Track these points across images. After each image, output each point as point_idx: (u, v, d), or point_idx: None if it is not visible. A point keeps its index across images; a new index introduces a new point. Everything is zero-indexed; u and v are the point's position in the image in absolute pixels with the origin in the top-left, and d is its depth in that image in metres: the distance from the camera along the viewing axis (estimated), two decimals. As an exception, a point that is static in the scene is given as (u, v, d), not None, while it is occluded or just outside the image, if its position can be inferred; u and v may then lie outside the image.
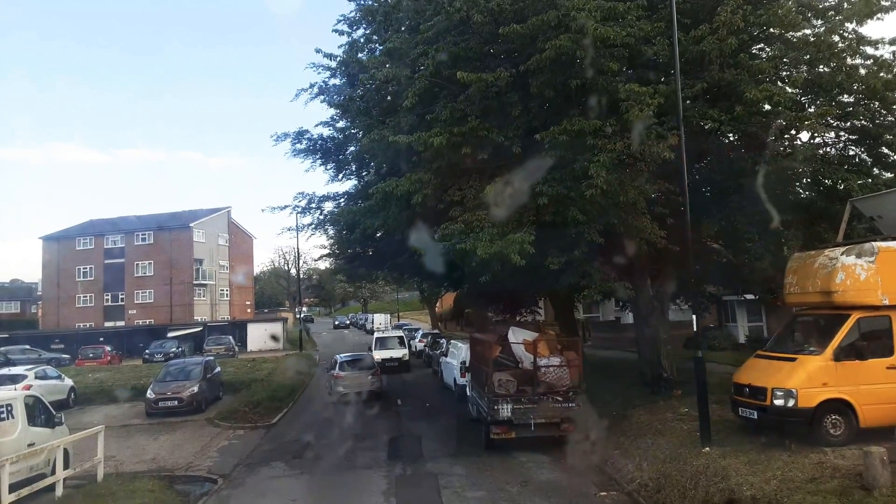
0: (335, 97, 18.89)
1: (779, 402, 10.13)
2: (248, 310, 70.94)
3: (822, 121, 12.80)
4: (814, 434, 10.06)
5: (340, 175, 23.65)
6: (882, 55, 14.02)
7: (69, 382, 22.90)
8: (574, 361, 13.80)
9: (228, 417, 19.24)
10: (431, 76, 14.27)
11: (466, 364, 18.39)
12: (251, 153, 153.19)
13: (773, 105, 12.29)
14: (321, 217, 23.87)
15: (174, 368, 22.17)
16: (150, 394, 20.39)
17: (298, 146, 22.45)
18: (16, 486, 10.22)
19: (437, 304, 66.75)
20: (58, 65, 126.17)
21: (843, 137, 15.54)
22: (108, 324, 57.70)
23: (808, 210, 15.28)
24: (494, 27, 13.32)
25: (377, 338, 32.57)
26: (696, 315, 11.42)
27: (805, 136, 15.22)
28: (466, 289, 31.69)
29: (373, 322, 68.47)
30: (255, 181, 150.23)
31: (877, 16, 13.73)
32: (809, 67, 13.88)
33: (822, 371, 10.12)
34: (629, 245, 13.95)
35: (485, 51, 14.15)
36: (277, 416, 19.69)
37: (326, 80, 20.14)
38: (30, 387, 20.41)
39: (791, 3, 13.47)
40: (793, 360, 10.53)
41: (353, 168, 23.67)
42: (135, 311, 59.32)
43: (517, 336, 14.71)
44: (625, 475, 11.28)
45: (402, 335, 33.83)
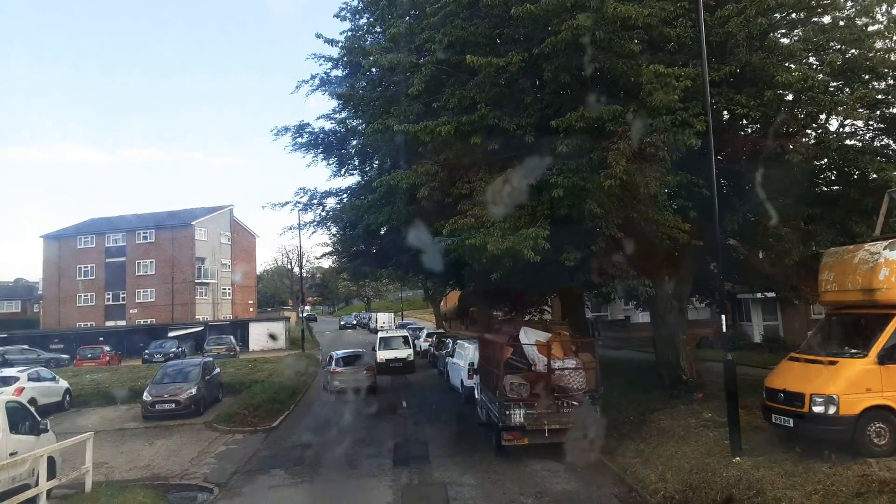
0: (337, 88, 18.13)
1: (818, 410, 9.35)
2: (251, 309, 70.29)
3: (859, 105, 11.93)
4: (856, 444, 9.28)
5: (343, 170, 22.99)
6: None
7: (64, 384, 22.22)
8: (590, 364, 13.05)
9: (227, 421, 18.54)
10: (438, 63, 13.52)
11: (475, 365, 17.64)
12: (254, 153, 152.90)
13: (807, 89, 11.47)
14: (323, 214, 23.24)
15: (172, 370, 21.45)
16: (147, 396, 19.70)
17: (300, 140, 21.77)
18: (-4, 499, 9.54)
19: (442, 303, 66.09)
20: (62, 65, 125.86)
21: (872, 126, 14.73)
22: (110, 323, 57.12)
23: (837, 203, 14.48)
24: (505, 9, 12.53)
25: (381, 337, 31.69)
26: (723, 314, 10.62)
27: (833, 126, 14.46)
28: (472, 287, 31.04)
29: (376, 321, 67.75)
30: (258, 180, 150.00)
31: None
32: (840, 52, 13.05)
33: (866, 375, 9.33)
34: (648, 240, 13.14)
35: (495, 34, 13.36)
36: (278, 420, 18.98)
37: (328, 72, 19.44)
38: (22, 389, 19.79)
39: None
40: (833, 364, 9.73)
41: (356, 163, 22.99)
42: (136, 311, 58.67)
43: (529, 337, 13.93)
44: (647, 486, 10.48)
45: (407, 335, 32.90)
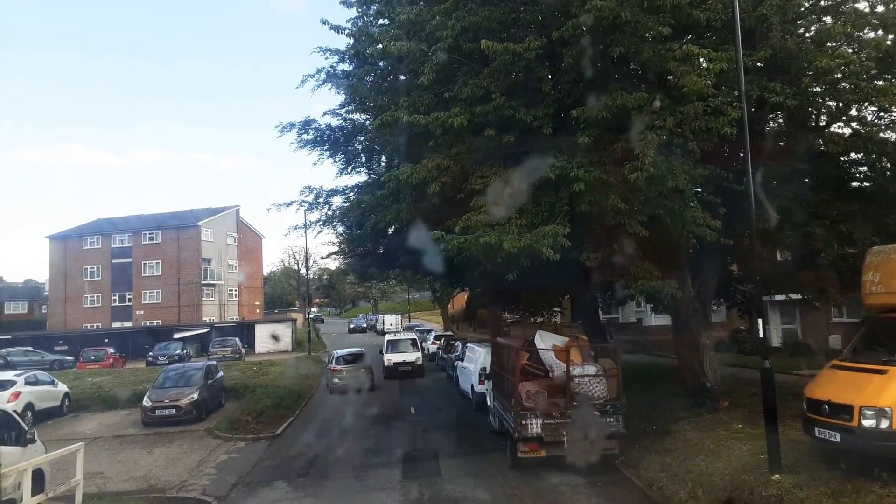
0: (344, 80, 17.40)
1: (868, 424, 8.49)
2: (258, 310, 69.79)
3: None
4: (911, 461, 8.43)
5: (349, 168, 22.25)
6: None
7: (63, 388, 21.58)
8: (611, 370, 12.24)
9: (229, 428, 17.84)
10: (450, 50, 12.76)
11: (486, 371, 16.86)
12: (261, 154, 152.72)
13: (849, 76, 10.63)
14: (329, 213, 22.54)
15: (173, 374, 20.78)
16: (147, 401, 19.02)
17: (305, 137, 21.08)
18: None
19: (449, 305, 65.37)
20: (69, 68, 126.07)
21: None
22: (116, 324, 56.68)
23: (873, 199, 13.62)
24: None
25: (389, 340, 30.65)
26: (763, 318, 9.78)
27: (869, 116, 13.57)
28: (482, 288, 30.21)
29: (383, 323, 67.05)
30: (266, 182, 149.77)
31: None
32: (879, 38, 12.18)
33: (923, 386, 8.48)
34: (671, 239, 12.32)
35: (510, 20, 12.58)
36: (282, 426, 18.27)
37: (334, 65, 18.73)
38: (19, 394, 19.15)
39: None
40: (882, 373, 8.87)
41: (363, 160, 22.29)
42: (142, 312, 58.23)
43: (545, 341, 13.13)
44: (676, 504, 9.70)
45: (416, 337, 32.00)
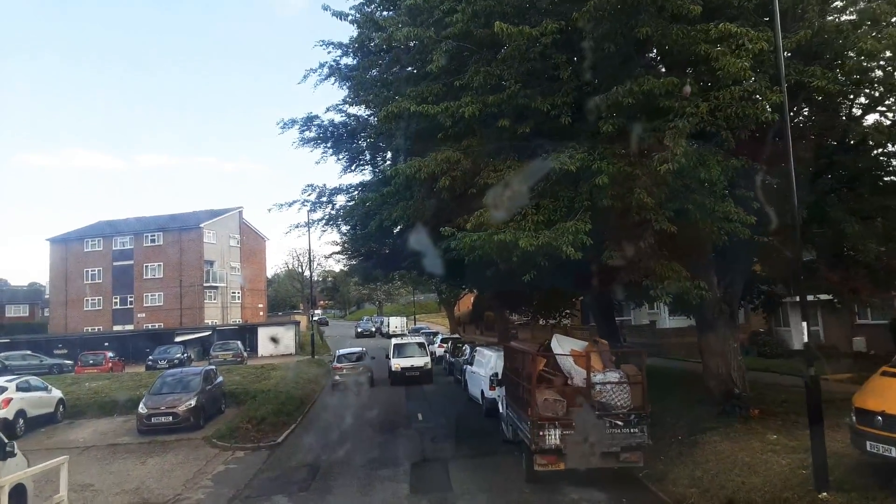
0: (347, 73, 16.61)
1: (932, 438, 7.67)
2: (261, 313, 69.02)
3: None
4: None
5: (353, 166, 21.47)
6: None
7: (57, 394, 20.81)
8: (636, 377, 11.39)
9: (228, 436, 17.03)
10: (460, 37, 11.96)
11: (498, 376, 16.03)
12: (266, 157, 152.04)
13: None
14: (333, 212, 21.76)
15: (171, 379, 19.98)
16: (143, 408, 18.23)
17: (307, 134, 20.30)
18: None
19: (455, 307, 64.56)
20: (73, 74, 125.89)
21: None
22: (117, 327, 55.99)
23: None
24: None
25: (395, 344, 29.19)
26: (806, 322, 8.92)
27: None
28: (492, 289, 29.32)
29: (388, 325, 66.18)
30: (271, 185, 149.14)
31: None
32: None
33: None
34: (701, 235, 11.46)
35: (525, 4, 11.75)
36: (283, 434, 17.47)
37: (337, 59, 17.96)
38: (10, 400, 18.40)
39: None
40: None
41: (368, 158, 21.48)
42: (144, 315, 57.53)
43: (563, 346, 12.31)
44: (711, 524, 8.86)
45: (424, 341, 30.73)
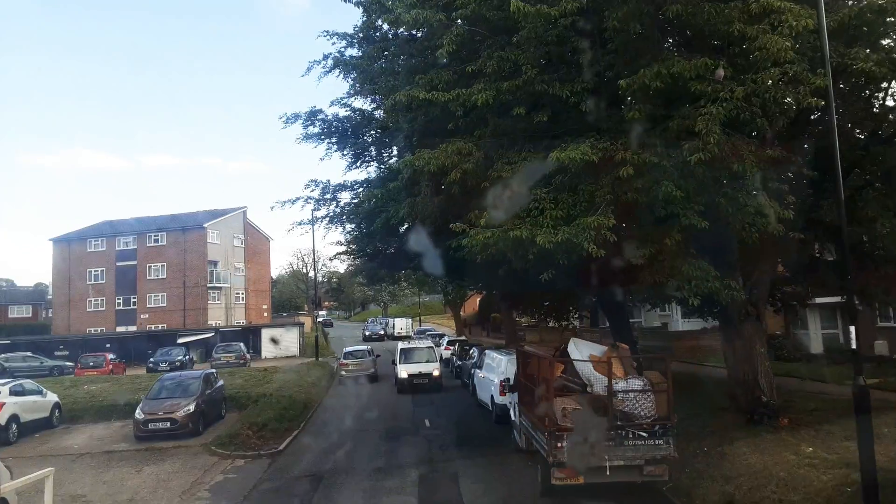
0: (353, 63, 15.91)
1: None
2: (265, 314, 68.39)
3: None
4: None
5: (358, 162, 20.85)
6: None
7: (53, 398, 20.16)
8: (660, 385, 10.62)
9: (228, 443, 16.32)
10: (472, 21, 11.24)
11: (510, 381, 15.27)
12: (271, 158, 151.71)
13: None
14: (337, 210, 21.10)
15: (170, 383, 19.30)
16: (139, 413, 17.54)
17: (312, 129, 19.67)
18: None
19: (461, 308, 63.84)
20: (77, 74, 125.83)
21: None
22: (121, 328, 55.42)
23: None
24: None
25: (402, 349, 26.56)
26: (853, 325, 8.16)
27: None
28: (501, 290, 28.47)
29: (393, 327, 65.43)
30: (276, 186, 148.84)
31: None
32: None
33: None
34: (729, 232, 10.69)
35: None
36: (285, 441, 16.75)
37: (342, 50, 17.31)
38: (2, 405, 17.75)
39: None
40: None
41: (373, 153, 20.85)
42: (147, 316, 56.94)
43: (581, 351, 11.55)
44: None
45: (432, 345, 28.70)
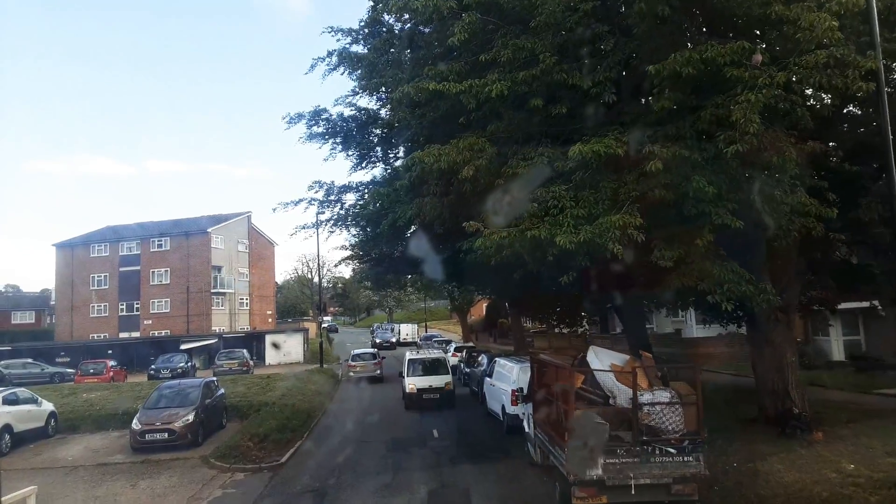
0: (358, 58, 15.28)
1: None
2: (270, 320, 67.84)
3: None
4: None
5: (364, 162, 20.20)
6: None
7: (48, 407, 19.51)
8: (689, 397, 9.85)
9: (227, 455, 15.61)
10: (485, 8, 10.57)
11: (523, 391, 14.54)
12: (277, 164, 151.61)
13: None
14: (342, 212, 20.43)
15: (168, 392, 18.62)
16: (136, 424, 16.85)
17: (316, 129, 19.05)
18: None
19: (468, 313, 63.15)
20: (83, 81, 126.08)
21: None
22: (124, 334, 54.90)
23: None
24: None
25: (410, 360, 23.55)
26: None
27: None
28: (512, 295, 27.66)
29: (399, 333, 64.68)
30: (281, 191, 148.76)
31: None
32: None
33: None
34: (763, 232, 9.95)
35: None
36: (288, 453, 16.02)
37: (347, 46, 16.71)
38: (-6, 414, 17.14)
39: None
40: None
41: (379, 154, 20.20)
42: (150, 322, 56.41)
43: (602, 360, 10.80)
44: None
45: (443, 356, 25.23)
